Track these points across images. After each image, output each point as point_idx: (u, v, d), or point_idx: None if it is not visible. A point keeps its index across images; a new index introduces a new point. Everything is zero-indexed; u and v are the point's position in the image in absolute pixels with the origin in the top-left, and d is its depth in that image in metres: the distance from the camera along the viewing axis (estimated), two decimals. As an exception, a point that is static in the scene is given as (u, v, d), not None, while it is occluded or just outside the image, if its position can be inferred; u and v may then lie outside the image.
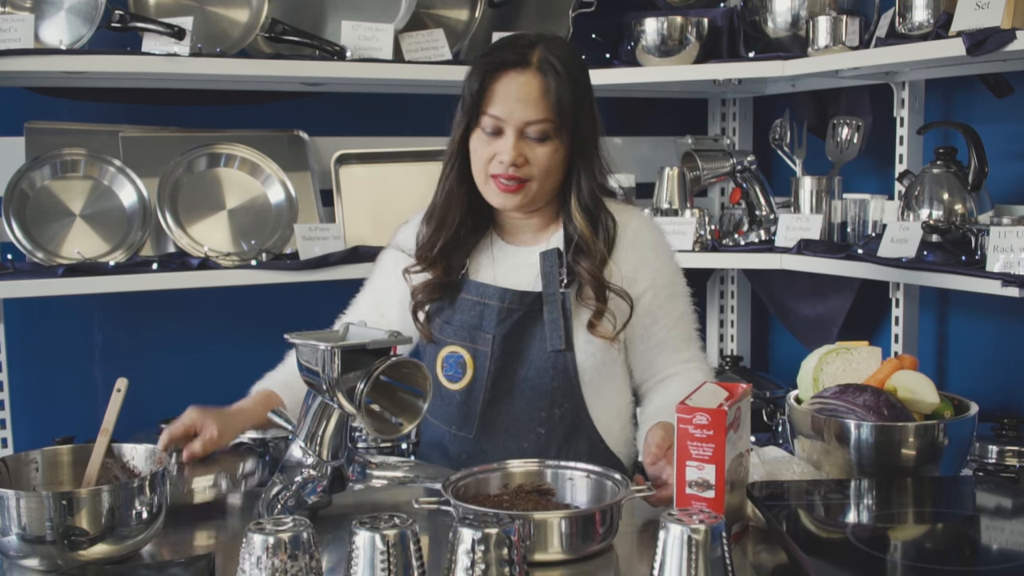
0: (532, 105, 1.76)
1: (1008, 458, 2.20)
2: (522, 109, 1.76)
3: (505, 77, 1.77)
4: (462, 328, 1.86)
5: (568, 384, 1.83)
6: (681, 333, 1.91)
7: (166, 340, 2.84)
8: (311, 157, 2.86)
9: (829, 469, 1.65)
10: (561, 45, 1.82)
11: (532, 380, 1.83)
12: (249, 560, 1.17)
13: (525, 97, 1.76)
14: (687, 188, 2.89)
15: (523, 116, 1.76)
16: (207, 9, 2.65)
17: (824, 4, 2.66)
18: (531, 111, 1.76)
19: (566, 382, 1.83)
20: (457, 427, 1.88)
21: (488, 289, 1.85)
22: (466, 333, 1.85)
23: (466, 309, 1.86)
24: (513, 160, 1.77)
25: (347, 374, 1.45)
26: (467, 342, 1.85)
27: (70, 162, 2.56)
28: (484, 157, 1.80)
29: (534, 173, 1.80)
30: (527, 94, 1.76)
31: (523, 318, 1.83)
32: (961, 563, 1.37)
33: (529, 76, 1.77)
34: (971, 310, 2.69)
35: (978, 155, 2.35)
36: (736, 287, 3.33)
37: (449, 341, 1.87)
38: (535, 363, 1.83)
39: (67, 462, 1.56)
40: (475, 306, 1.85)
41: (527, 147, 1.78)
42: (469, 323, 1.86)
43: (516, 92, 1.77)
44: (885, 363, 1.76)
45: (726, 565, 1.19)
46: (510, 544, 1.18)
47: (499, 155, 1.78)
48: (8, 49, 2.30)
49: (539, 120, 1.77)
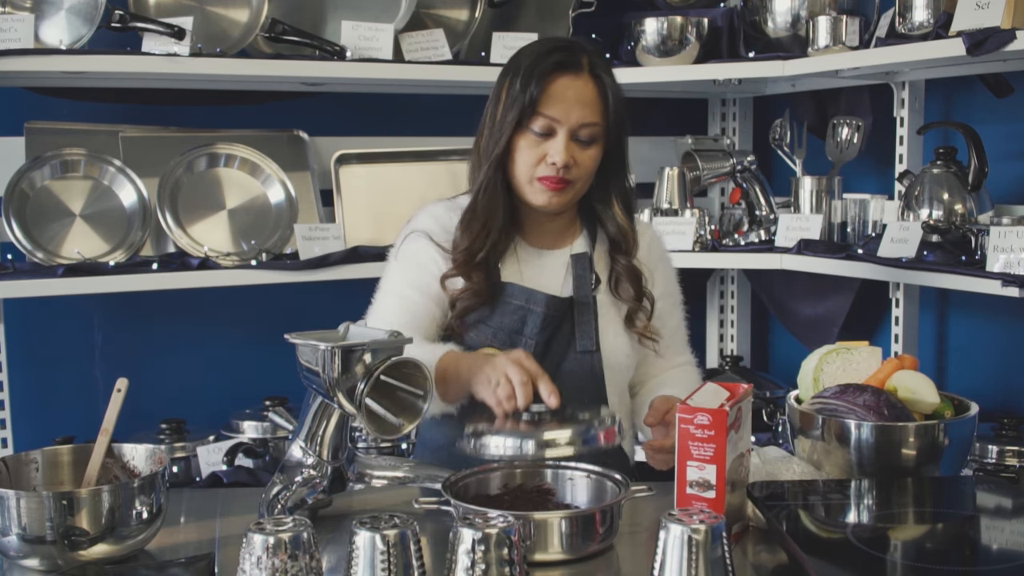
0: (588, 108, 1.80)
1: (1008, 458, 2.20)
2: (579, 111, 1.79)
3: (561, 80, 1.79)
4: (501, 331, 1.85)
5: (595, 384, 1.86)
6: (681, 338, 2.04)
7: (166, 340, 2.85)
8: (311, 157, 2.86)
9: (829, 469, 1.65)
10: (601, 53, 1.89)
11: (564, 381, 1.83)
12: (249, 560, 1.17)
13: (581, 100, 1.80)
14: (687, 188, 2.89)
15: (579, 118, 1.79)
16: (207, 9, 2.65)
17: (824, 4, 2.66)
18: (587, 113, 1.80)
19: (593, 382, 1.86)
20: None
21: (535, 295, 1.85)
22: (505, 336, 1.85)
23: (508, 313, 1.85)
24: (565, 161, 1.79)
25: (347, 374, 1.45)
26: (508, 345, 1.84)
27: (70, 162, 2.56)
28: (533, 158, 1.81)
29: (580, 175, 1.83)
30: (583, 97, 1.80)
31: (562, 324, 1.86)
32: (961, 563, 1.37)
33: (584, 80, 1.81)
34: (971, 310, 2.69)
35: (978, 155, 2.35)
36: (736, 287, 3.33)
37: (485, 343, 1.85)
38: (567, 365, 1.85)
39: (67, 462, 1.57)
40: (518, 310, 1.85)
41: (575, 149, 1.81)
42: (509, 327, 1.85)
43: (573, 95, 1.79)
44: (885, 363, 1.76)
45: (726, 565, 1.19)
46: (510, 544, 1.18)
47: (550, 156, 1.79)
48: (8, 49, 2.30)
49: (593, 123, 1.80)
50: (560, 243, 1.93)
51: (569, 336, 1.86)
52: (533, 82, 1.78)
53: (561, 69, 1.79)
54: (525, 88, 1.78)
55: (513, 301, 1.85)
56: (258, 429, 2.67)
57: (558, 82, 1.79)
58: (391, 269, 1.94)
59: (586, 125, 1.80)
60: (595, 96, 1.81)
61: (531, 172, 1.82)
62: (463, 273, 1.84)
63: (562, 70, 1.79)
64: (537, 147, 1.80)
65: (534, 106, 1.78)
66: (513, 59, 1.87)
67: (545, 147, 1.80)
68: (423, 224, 1.92)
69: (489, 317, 1.86)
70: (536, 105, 1.78)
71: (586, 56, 1.82)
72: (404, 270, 1.90)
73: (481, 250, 1.84)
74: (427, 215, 1.94)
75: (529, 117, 1.79)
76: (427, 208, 1.96)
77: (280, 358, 1.97)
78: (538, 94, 1.78)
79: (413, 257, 1.91)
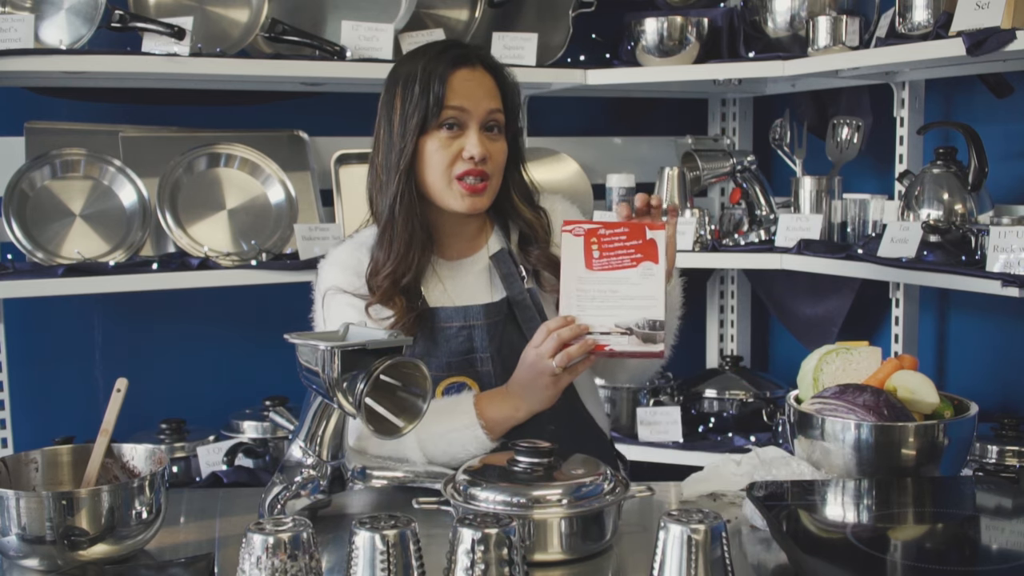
0: (491, 96, 1.83)
1: (1008, 458, 2.20)
2: (485, 100, 1.81)
3: (460, 72, 1.81)
4: (453, 358, 1.82)
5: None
6: None
7: (166, 340, 2.85)
8: (311, 157, 2.86)
9: (829, 469, 1.65)
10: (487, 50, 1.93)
11: None
12: (249, 560, 1.17)
13: (484, 88, 1.82)
14: (687, 188, 2.89)
15: (486, 106, 1.81)
16: (207, 9, 2.65)
17: (824, 4, 2.66)
18: (492, 101, 1.82)
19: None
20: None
21: (470, 310, 1.82)
22: (460, 360, 1.82)
23: (451, 339, 1.81)
24: (483, 154, 1.78)
25: (347, 374, 1.45)
26: (466, 368, 1.82)
27: (70, 162, 2.56)
28: (446, 159, 1.79)
29: (495, 169, 1.83)
30: (485, 85, 1.83)
31: (506, 327, 1.84)
32: (961, 563, 1.37)
33: (481, 72, 1.84)
34: (971, 310, 2.69)
35: (978, 155, 2.35)
36: (736, 287, 3.34)
37: (443, 375, 1.81)
38: None
39: (67, 462, 1.57)
40: (460, 331, 1.81)
41: (486, 142, 1.81)
42: (460, 350, 1.82)
43: (475, 85, 1.81)
44: (885, 363, 1.76)
45: (726, 565, 1.19)
46: (510, 544, 1.18)
47: (466, 151, 1.78)
48: (8, 49, 2.30)
49: (498, 110, 1.83)
50: (475, 248, 1.91)
51: (519, 338, 1.82)
52: (435, 80, 1.78)
53: (459, 63, 1.81)
54: (427, 88, 1.78)
55: (452, 324, 1.82)
56: (258, 429, 2.67)
57: (458, 75, 1.80)
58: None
59: (493, 112, 1.82)
60: (494, 86, 1.84)
61: (447, 174, 1.80)
62: (386, 301, 1.79)
63: (460, 64, 1.81)
64: (448, 147, 1.79)
65: (440, 103, 1.78)
66: (397, 69, 1.86)
67: (458, 144, 1.79)
68: (333, 278, 1.86)
69: (434, 348, 1.81)
70: (443, 101, 1.78)
71: (476, 52, 1.86)
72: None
73: (408, 272, 1.79)
74: (331, 266, 1.88)
75: (436, 115, 1.78)
76: (330, 256, 1.91)
77: (280, 358, 1.98)
78: (443, 90, 1.78)
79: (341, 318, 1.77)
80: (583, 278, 1.69)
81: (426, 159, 1.80)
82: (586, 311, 1.68)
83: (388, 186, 1.81)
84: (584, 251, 1.69)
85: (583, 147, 3.18)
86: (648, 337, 1.66)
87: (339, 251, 1.91)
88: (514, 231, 1.93)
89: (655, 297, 1.66)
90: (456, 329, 1.82)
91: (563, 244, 1.70)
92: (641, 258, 1.67)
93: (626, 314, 1.67)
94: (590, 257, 1.68)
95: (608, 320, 1.67)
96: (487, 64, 1.85)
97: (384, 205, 1.82)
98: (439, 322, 1.82)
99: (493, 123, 1.82)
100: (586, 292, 1.68)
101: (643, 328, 1.66)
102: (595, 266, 1.68)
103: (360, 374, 1.44)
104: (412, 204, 1.81)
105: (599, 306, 1.68)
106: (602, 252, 1.68)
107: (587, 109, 3.30)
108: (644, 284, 1.66)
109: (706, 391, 2.97)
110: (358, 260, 1.86)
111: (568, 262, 1.69)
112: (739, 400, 2.94)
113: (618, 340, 1.67)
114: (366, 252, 1.86)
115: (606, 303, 1.67)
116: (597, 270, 1.68)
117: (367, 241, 1.88)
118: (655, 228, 1.68)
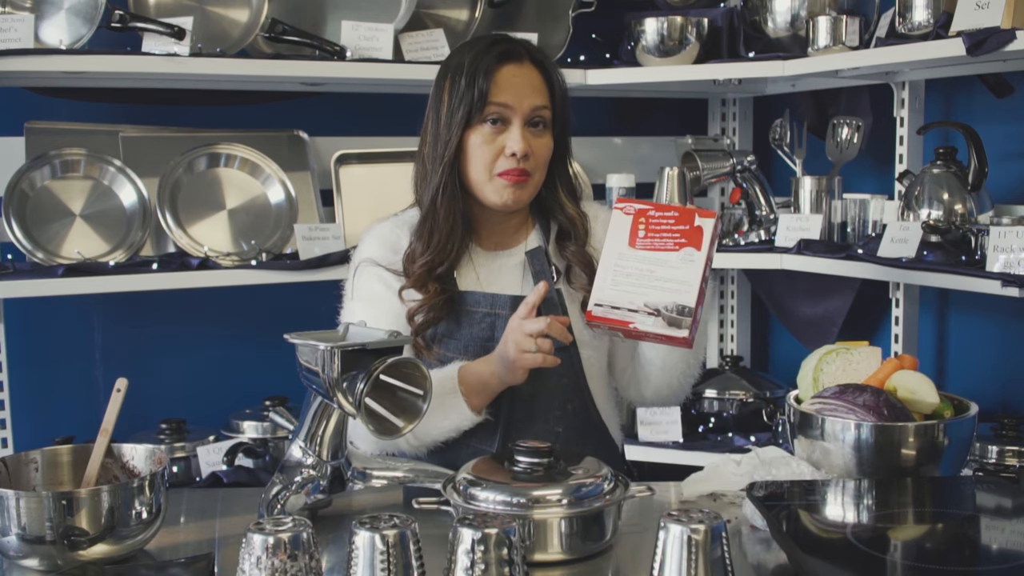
0: (538, 93, 1.82)
1: (1008, 458, 2.20)
2: (530, 96, 1.81)
3: (507, 68, 1.81)
4: (472, 342, 1.83)
5: (575, 378, 1.86)
6: None
7: (166, 340, 2.85)
8: (311, 157, 2.86)
9: (829, 469, 1.65)
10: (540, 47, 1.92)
11: (546, 381, 1.83)
12: (249, 560, 1.17)
13: (530, 85, 1.82)
14: (687, 188, 2.89)
15: (531, 103, 1.80)
16: (207, 9, 2.65)
17: (824, 4, 2.66)
18: (538, 98, 1.82)
19: (573, 377, 1.85)
20: (478, 440, 1.83)
21: (499, 299, 1.84)
22: (478, 347, 1.83)
23: (475, 323, 1.84)
24: (524, 150, 1.79)
25: (347, 374, 1.45)
26: (482, 354, 1.82)
27: (70, 162, 2.56)
28: (489, 154, 1.80)
29: (537, 165, 1.83)
30: (532, 82, 1.82)
31: None
32: (961, 563, 1.37)
33: (529, 67, 1.83)
34: (971, 310, 2.69)
35: (978, 155, 2.35)
36: (736, 287, 3.33)
37: (458, 357, 1.83)
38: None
39: (67, 462, 1.57)
40: (485, 318, 1.83)
41: (530, 138, 1.81)
42: (480, 336, 1.83)
43: (522, 81, 1.81)
44: (885, 363, 1.76)
45: (726, 565, 1.19)
46: (510, 544, 1.18)
47: (508, 147, 1.79)
48: (8, 49, 2.30)
49: (544, 107, 1.82)
50: (514, 242, 1.92)
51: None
52: (480, 75, 1.79)
53: (506, 59, 1.81)
54: (472, 83, 1.79)
55: (479, 309, 1.83)
56: (258, 429, 2.67)
57: (505, 70, 1.80)
58: (352, 310, 1.88)
59: (538, 109, 1.81)
60: (541, 82, 1.84)
61: (490, 169, 1.81)
62: (419, 287, 1.82)
63: (507, 59, 1.81)
64: (492, 141, 1.80)
65: (485, 98, 1.78)
66: (448, 61, 1.87)
67: (501, 140, 1.80)
68: (370, 251, 1.90)
69: (456, 331, 1.84)
70: (487, 96, 1.78)
71: (524, 46, 1.85)
72: (366, 309, 1.85)
73: (444, 262, 1.82)
74: (373, 237, 1.92)
75: (480, 110, 1.79)
76: (372, 229, 1.94)
77: (280, 358, 1.97)
78: (487, 85, 1.78)
79: (369, 291, 1.88)
80: (623, 254, 1.68)
81: (470, 153, 1.82)
82: (619, 286, 1.67)
83: (432, 177, 1.84)
84: (631, 229, 1.69)
85: (583, 147, 3.17)
86: (674, 321, 1.64)
87: (382, 225, 1.94)
88: (553, 227, 1.93)
89: (691, 283, 1.64)
90: (481, 315, 1.84)
91: (612, 221, 1.70)
92: (685, 243, 1.66)
93: (657, 295, 1.65)
94: (635, 236, 1.68)
95: (638, 298, 1.65)
96: (535, 59, 1.84)
97: (427, 196, 1.85)
98: (467, 305, 1.84)
99: (539, 119, 1.82)
100: (623, 268, 1.67)
101: (671, 312, 1.63)
102: (638, 245, 1.67)
103: (360, 374, 1.44)
104: (454, 196, 1.83)
105: (633, 283, 1.66)
106: (648, 232, 1.68)
107: (587, 109, 3.29)
108: (682, 268, 1.65)
109: (706, 391, 2.97)
110: (398, 236, 1.89)
111: (612, 238, 1.69)
112: (739, 400, 2.94)
113: (643, 319, 1.65)
114: (407, 231, 1.89)
115: (640, 281, 1.66)
116: (639, 249, 1.67)
117: (411, 220, 1.90)
118: (705, 216, 1.67)
